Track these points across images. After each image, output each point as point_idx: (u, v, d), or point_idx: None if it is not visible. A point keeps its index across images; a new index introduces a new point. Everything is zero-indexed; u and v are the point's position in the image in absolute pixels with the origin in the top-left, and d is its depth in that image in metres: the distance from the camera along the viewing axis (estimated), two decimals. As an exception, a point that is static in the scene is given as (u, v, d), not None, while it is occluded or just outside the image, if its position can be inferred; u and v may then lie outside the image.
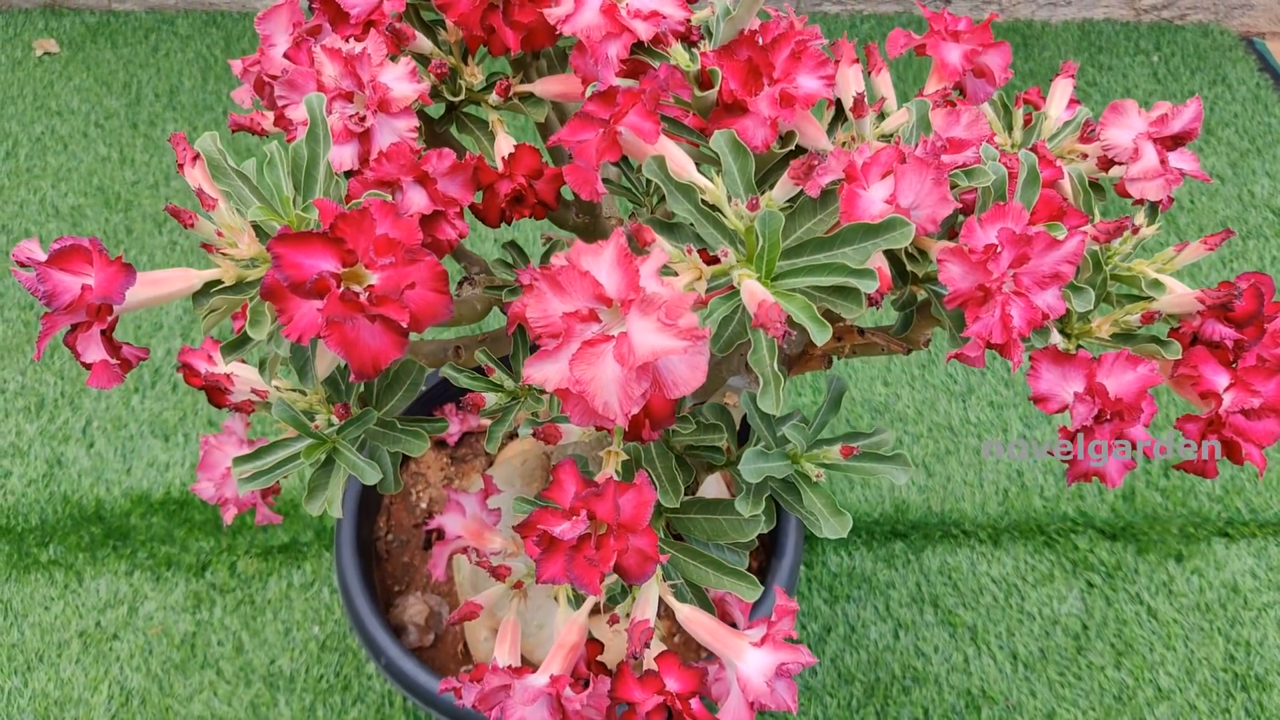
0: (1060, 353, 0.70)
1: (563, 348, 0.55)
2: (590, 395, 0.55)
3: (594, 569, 0.61)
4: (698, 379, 0.55)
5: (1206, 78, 2.76)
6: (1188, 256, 0.83)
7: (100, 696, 1.72)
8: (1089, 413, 0.69)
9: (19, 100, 2.65)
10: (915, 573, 1.87)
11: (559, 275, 0.54)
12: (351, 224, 0.54)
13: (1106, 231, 0.69)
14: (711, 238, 0.62)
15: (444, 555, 0.94)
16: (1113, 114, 0.87)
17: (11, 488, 1.95)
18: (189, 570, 1.85)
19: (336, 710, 1.70)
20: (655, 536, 0.62)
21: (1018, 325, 0.62)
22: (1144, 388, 0.69)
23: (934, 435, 2.06)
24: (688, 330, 0.53)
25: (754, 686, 0.67)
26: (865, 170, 0.64)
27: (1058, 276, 0.63)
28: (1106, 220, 0.70)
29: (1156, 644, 1.79)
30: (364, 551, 1.37)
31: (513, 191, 0.75)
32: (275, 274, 0.54)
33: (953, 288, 0.62)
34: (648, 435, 0.60)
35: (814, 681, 1.74)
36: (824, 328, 0.58)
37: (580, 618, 0.75)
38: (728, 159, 0.62)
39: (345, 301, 0.53)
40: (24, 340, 2.18)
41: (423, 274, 0.56)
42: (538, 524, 0.62)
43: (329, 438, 0.82)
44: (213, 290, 0.65)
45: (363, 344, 0.55)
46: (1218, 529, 1.93)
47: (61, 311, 0.57)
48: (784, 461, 0.71)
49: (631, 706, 0.67)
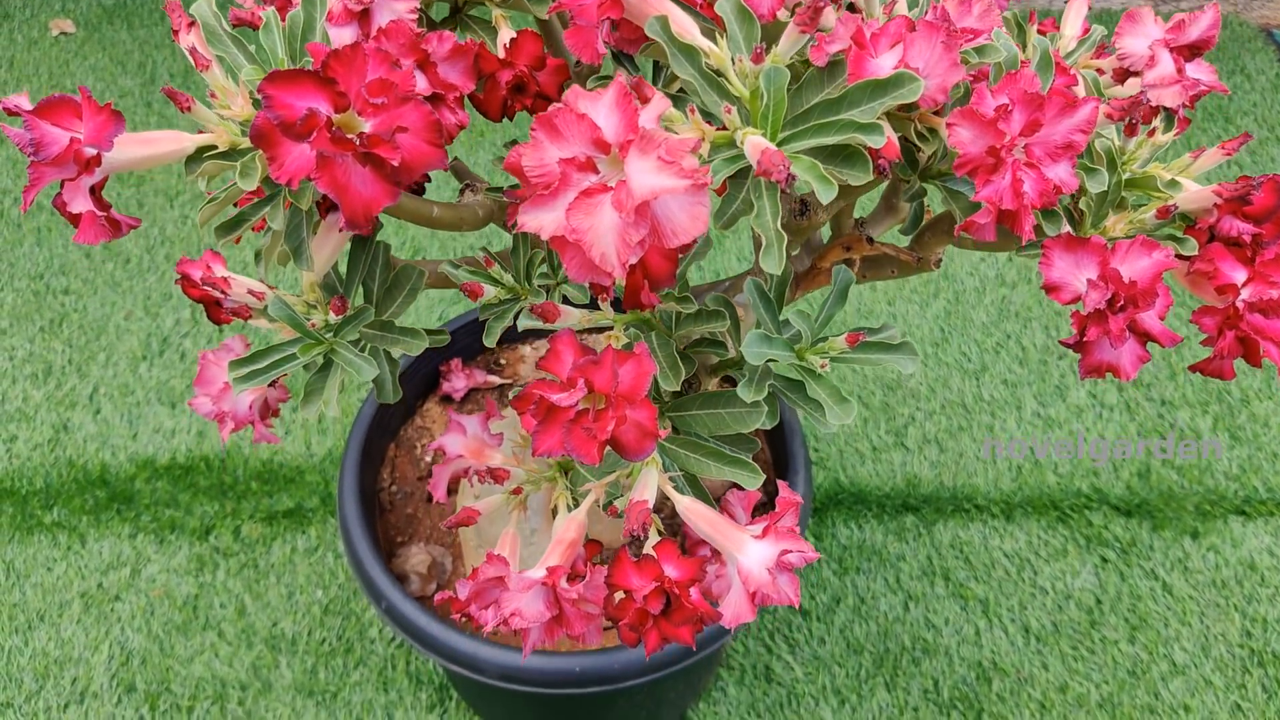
0: (1074, 238, 0.68)
1: (559, 195, 0.54)
2: (587, 245, 0.53)
3: (592, 439, 0.60)
4: (698, 227, 0.53)
5: (1225, 68, 2.74)
6: (1204, 163, 0.81)
7: (100, 656, 1.70)
8: (1101, 298, 0.67)
9: (35, 79, 2.67)
10: (926, 546, 1.85)
11: (556, 118, 0.53)
12: (344, 62, 0.53)
13: (1121, 108, 0.68)
14: (715, 105, 0.61)
15: (444, 476, 0.92)
16: (1128, 23, 0.85)
17: (17, 451, 1.95)
18: (193, 534, 1.84)
19: (339, 673, 1.68)
20: (654, 410, 0.61)
21: (1029, 192, 0.60)
22: (1159, 272, 0.67)
23: (946, 412, 2.04)
24: (689, 170, 0.51)
25: (755, 577, 0.65)
26: (875, 40, 0.62)
27: (1070, 146, 0.62)
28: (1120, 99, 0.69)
29: (1171, 619, 1.75)
30: (367, 500, 1.35)
31: (514, 79, 0.73)
32: (265, 115, 0.53)
33: (963, 151, 0.60)
34: (646, 298, 0.58)
35: (822, 652, 1.72)
36: (829, 185, 0.56)
37: (579, 515, 0.73)
38: (732, 25, 0.61)
39: (336, 139, 0.52)
40: (33, 309, 2.18)
41: (416, 119, 0.54)
42: (536, 393, 0.61)
43: (325, 339, 0.80)
44: (205, 156, 0.63)
45: (354, 190, 0.54)
46: (1234, 507, 1.89)
47: (49, 163, 0.56)
48: (788, 350, 0.69)
49: (628, 594, 0.65)
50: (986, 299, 2.23)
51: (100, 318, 2.17)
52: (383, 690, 1.66)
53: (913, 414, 2.03)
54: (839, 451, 1.98)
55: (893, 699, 1.67)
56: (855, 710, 1.66)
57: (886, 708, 1.66)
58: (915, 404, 2.05)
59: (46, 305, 2.19)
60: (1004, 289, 2.25)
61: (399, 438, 1.50)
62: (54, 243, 2.32)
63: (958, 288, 2.25)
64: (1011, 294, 2.24)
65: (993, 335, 2.16)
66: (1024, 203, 0.60)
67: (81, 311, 2.18)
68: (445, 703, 1.65)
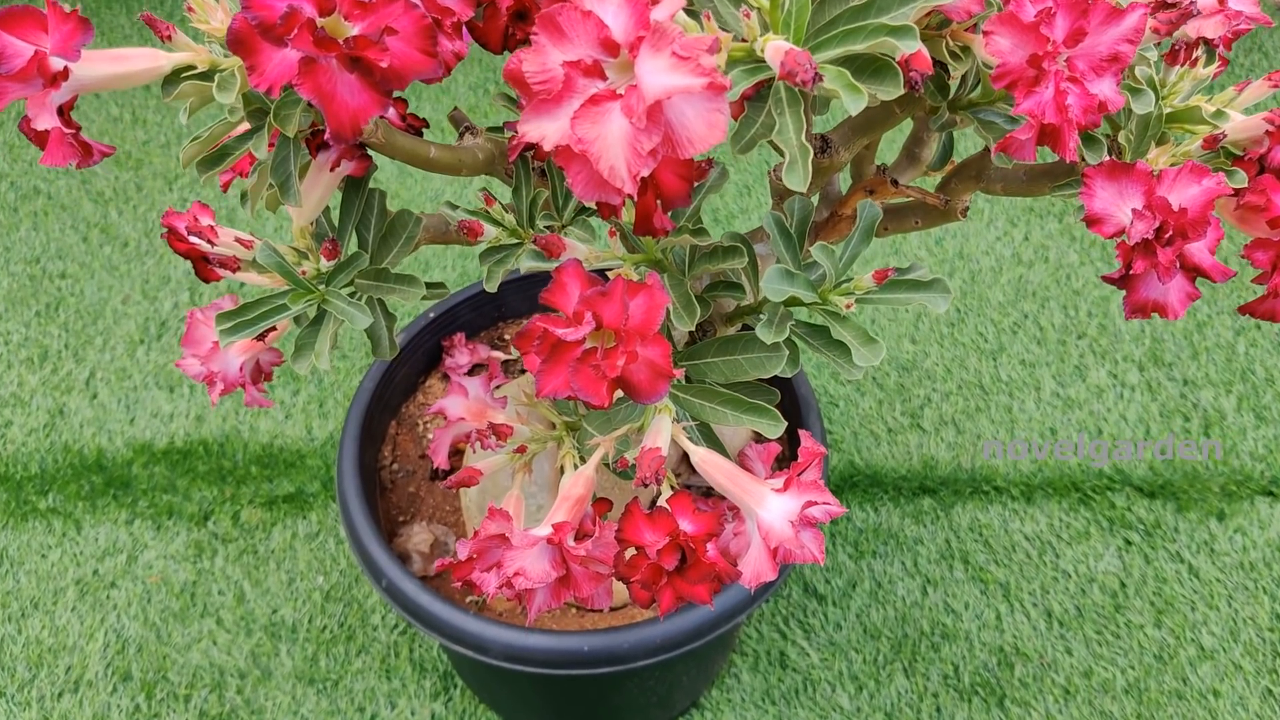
0: (1118, 164, 0.63)
1: (564, 101, 0.49)
2: (594, 156, 0.49)
3: (601, 378, 0.55)
4: (715, 135, 0.48)
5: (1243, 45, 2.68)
6: (1250, 96, 0.76)
7: (96, 644, 1.66)
8: (1149, 228, 0.62)
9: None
10: (944, 529, 1.79)
11: (560, 17, 0.48)
12: (328, -45, 0.48)
13: (1169, 21, 0.63)
14: (732, 17, 0.56)
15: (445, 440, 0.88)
16: (1168, -50, 0.80)
17: (11, 437, 1.91)
18: (191, 520, 1.80)
19: (340, 660, 1.64)
20: (668, 346, 0.56)
21: (1073, 107, 0.55)
22: (1210, 200, 0.62)
23: (964, 393, 1.99)
24: (707, 68, 0.46)
25: (778, 532, 0.60)
26: (903, -56, 0.57)
27: (1116, 59, 0.57)
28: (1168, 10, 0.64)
29: (1198, 603, 1.70)
30: (367, 478, 1.31)
31: (516, 5, 0.69)
32: (243, 16, 0.48)
33: (1002, 61, 0.55)
34: (660, 221, 0.54)
35: (839, 637, 1.66)
36: (859, 93, 0.51)
37: (588, 470, 0.68)
38: (750, -72, 0.56)
39: (319, 40, 0.48)
40: (29, 293, 2.14)
41: (406, 22, 0.50)
42: (540, 327, 0.56)
43: (317, 289, 0.76)
44: (183, 76, 0.59)
45: (340, 98, 0.50)
46: (1262, 488, 1.84)
47: (12, 76, 0.52)
48: (810, 289, 0.65)
49: (640, 550, 0.61)
50: (1003, 278, 2.18)
51: (97, 302, 2.13)
52: (385, 678, 1.62)
53: (929, 395, 1.98)
54: (854, 433, 1.93)
55: (912, 685, 1.62)
56: (873, 697, 1.61)
57: (905, 694, 1.61)
58: (931, 385, 2.00)
59: (43, 289, 2.15)
60: (1021, 268, 2.20)
61: (400, 415, 1.45)
62: (50, 226, 2.28)
63: (973, 267, 2.20)
64: (1029, 273, 2.19)
65: (1010, 315, 2.11)
66: (1068, 117, 0.55)
67: (78, 295, 2.14)
68: (450, 690, 1.60)
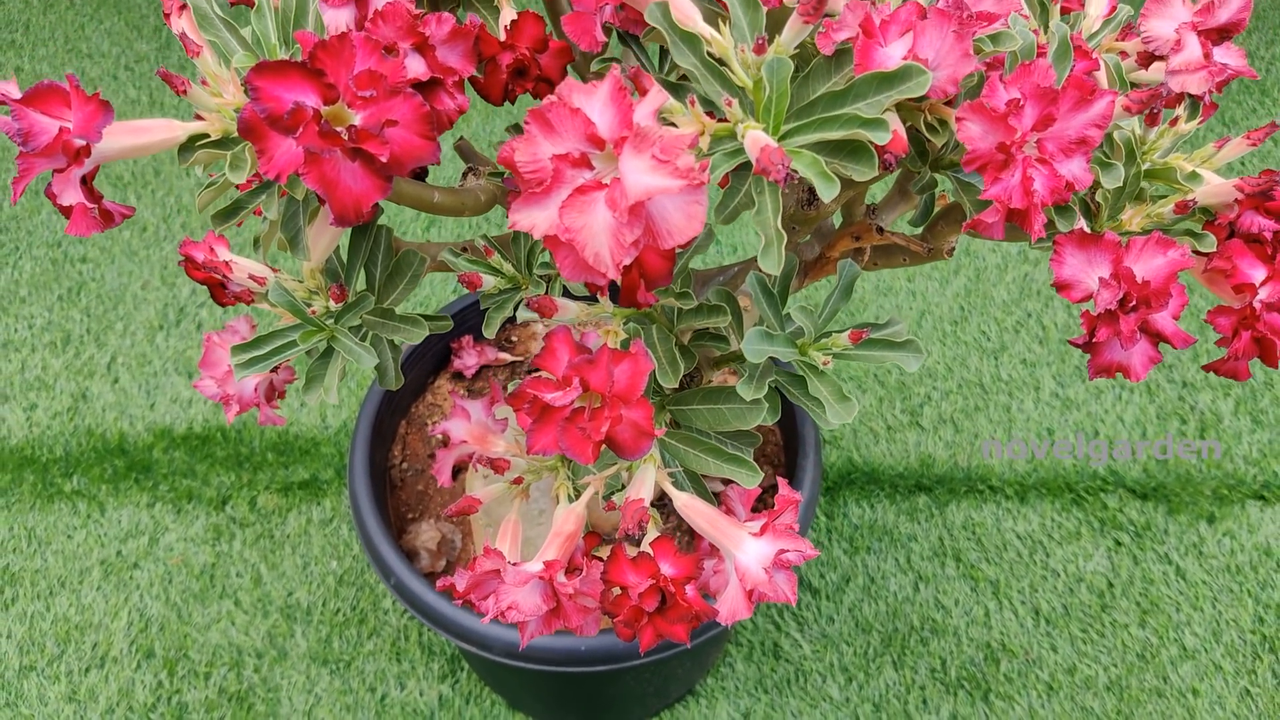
0: (1087, 234, 0.66)
1: (552, 192, 0.52)
2: (581, 244, 0.52)
3: (586, 439, 0.59)
4: (694, 228, 0.52)
5: (1264, 37, 2.66)
6: (1229, 153, 0.79)
7: (120, 622, 1.73)
8: (1114, 298, 0.65)
9: (50, 43, 2.67)
10: (938, 527, 1.84)
11: (549, 113, 0.52)
12: (331, 53, 0.52)
13: (1140, 101, 0.65)
14: (717, 94, 0.59)
15: (448, 460, 0.92)
16: (1155, 4, 0.82)
17: (37, 420, 1.97)
18: (209, 504, 1.86)
19: (352, 642, 1.70)
20: (650, 408, 0.60)
21: (1040, 191, 0.58)
22: (1174, 272, 0.65)
23: (963, 392, 2.02)
24: (684, 169, 0.50)
25: (753, 575, 0.65)
26: (884, 28, 0.60)
27: (1084, 142, 0.59)
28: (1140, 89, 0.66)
29: (1183, 604, 1.74)
30: (377, 477, 1.36)
31: (515, 63, 0.72)
32: (253, 107, 0.52)
33: (971, 147, 0.58)
34: (643, 297, 0.57)
35: (831, 630, 1.72)
36: (831, 182, 0.54)
37: (578, 508, 0.73)
38: (737, 10, 0.59)
39: (323, 134, 0.51)
40: (51, 278, 2.19)
41: (406, 112, 0.53)
42: (530, 392, 0.60)
43: (326, 326, 0.80)
44: (198, 144, 0.63)
45: (343, 185, 0.53)
46: (1253, 491, 1.87)
47: (38, 153, 0.56)
48: (790, 346, 0.68)
49: (624, 590, 0.65)
50: (1008, 276, 2.20)
51: (117, 287, 2.18)
52: (395, 660, 1.68)
53: (929, 393, 2.01)
54: (853, 430, 1.96)
55: (900, 678, 1.67)
56: (862, 688, 1.66)
57: (894, 686, 1.66)
58: (932, 383, 2.03)
59: (64, 274, 2.20)
60: (1027, 265, 2.22)
61: (410, 415, 1.50)
62: (72, 211, 2.33)
63: (979, 264, 2.22)
64: (1034, 271, 2.21)
65: (1013, 314, 2.13)
66: (1034, 201, 0.58)
67: (99, 280, 2.19)
68: (457, 673, 1.66)
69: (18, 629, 1.74)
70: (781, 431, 1.42)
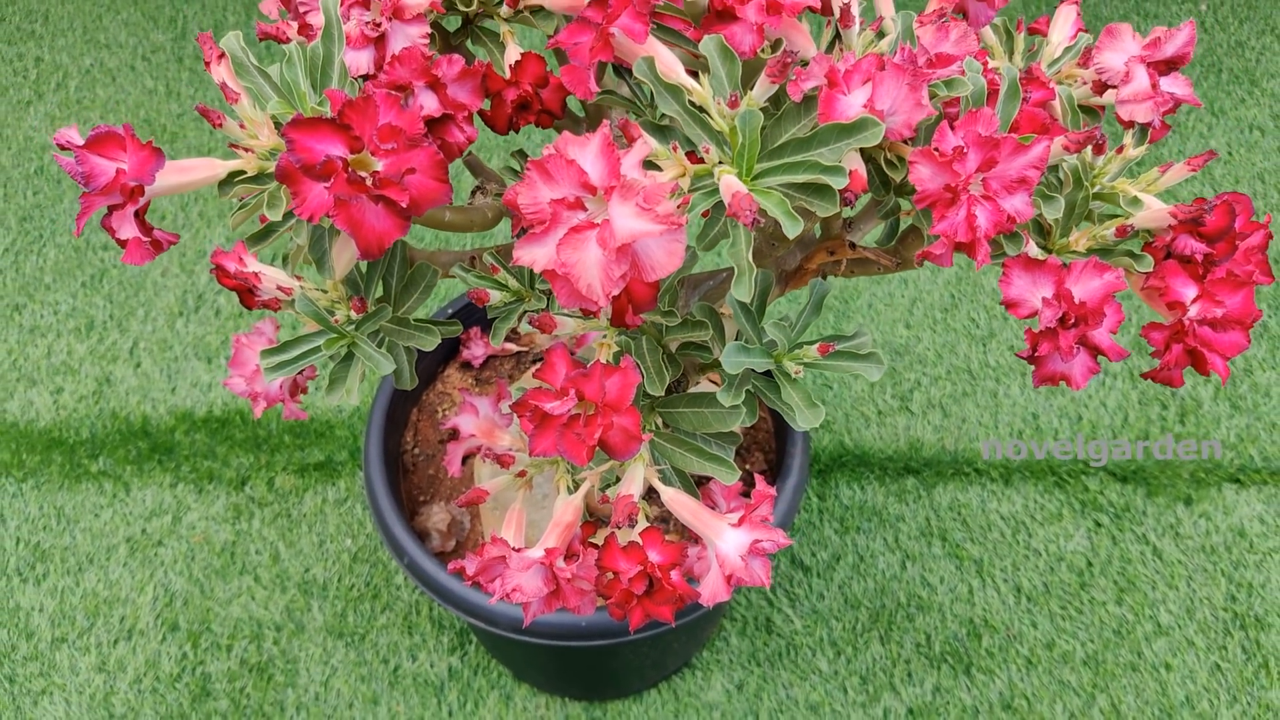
0: (1031, 259, 0.73)
1: (550, 232, 0.60)
2: (575, 277, 0.60)
3: (581, 443, 0.67)
4: (673, 263, 0.59)
5: (1255, 28, 2.70)
6: (1171, 178, 0.86)
7: (146, 597, 1.83)
8: (1054, 316, 0.72)
9: (69, 33, 2.73)
10: (926, 508, 1.92)
11: (548, 163, 0.59)
12: (357, 111, 0.59)
13: (1077, 141, 0.72)
14: (697, 137, 0.67)
15: (458, 453, 1.00)
16: (1108, 38, 0.89)
17: (64, 403, 2.06)
18: (229, 484, 1.95)
19: (366, 616, 1.79)
20: (638, 416, 0.68)
21: (983, 226, 0.66)
22: (1109, 293, 0.72)
23: (952, 377, 2.09)
24: (665, 215, 0.57)
25: (731, 562, 0.73)
26: (846, 77, 0.67)
27: (1024, 181, 0.67)
28: (1077, 130, 0.73)
29: (1159, 583, 1.82)
30: (390, 462, 1.44)
31: (519, 98, 0.79)
32: (289, 157, 0.59)
33: (921, 188, 0.65)
34: (631, 320, 0.65)
35: (821, 606, 1.80)
36: (795, 221, 0.62)
37: (576, 500, 0.81)
38: (715, 63, 0.66)
39: (351, 182, 0.59)
40: (74, 265, 2.28)
41: (423, 161, 0.61)
42: (531, 402, 0.68)
43: (347, 333, 0.88)
44: (236, 180, 0.70)
45: (368, 225, 0.61)
46: (1229, 475, 1.94)
47: (98, 192, 0.63)
48: (765, 358, 0.76)
49: (616, 575, 0.74)
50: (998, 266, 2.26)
51: (138, 274, 2.26)
52: (407, 634, 1.77)
53: (919, 379, 2.09)
54: (845, 415, 2.04)
55: (886, 651, 1.76)
56: (850, 661, 1.75)
57: (880, 659, 1.75)
58: (922, 369, 2.11)
59: (87, 261, 2.28)
60: (1015, 255, 2.28)
61: (421, 403, 1.58)
62: (92, 200, 2.41)
63: (969, 254, 2.28)
64: (1022, 260, 2.27)
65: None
66: (977, 236, 0.65)
67: (120, 268, 2.27)
68: (465, 646, 1.76)
69: (49, 603, 1.83)
70: (774, 418, 1.50)
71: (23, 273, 2.26)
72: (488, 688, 1.72)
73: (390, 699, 1.72)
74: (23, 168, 2.43)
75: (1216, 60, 2.59)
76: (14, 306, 2.21)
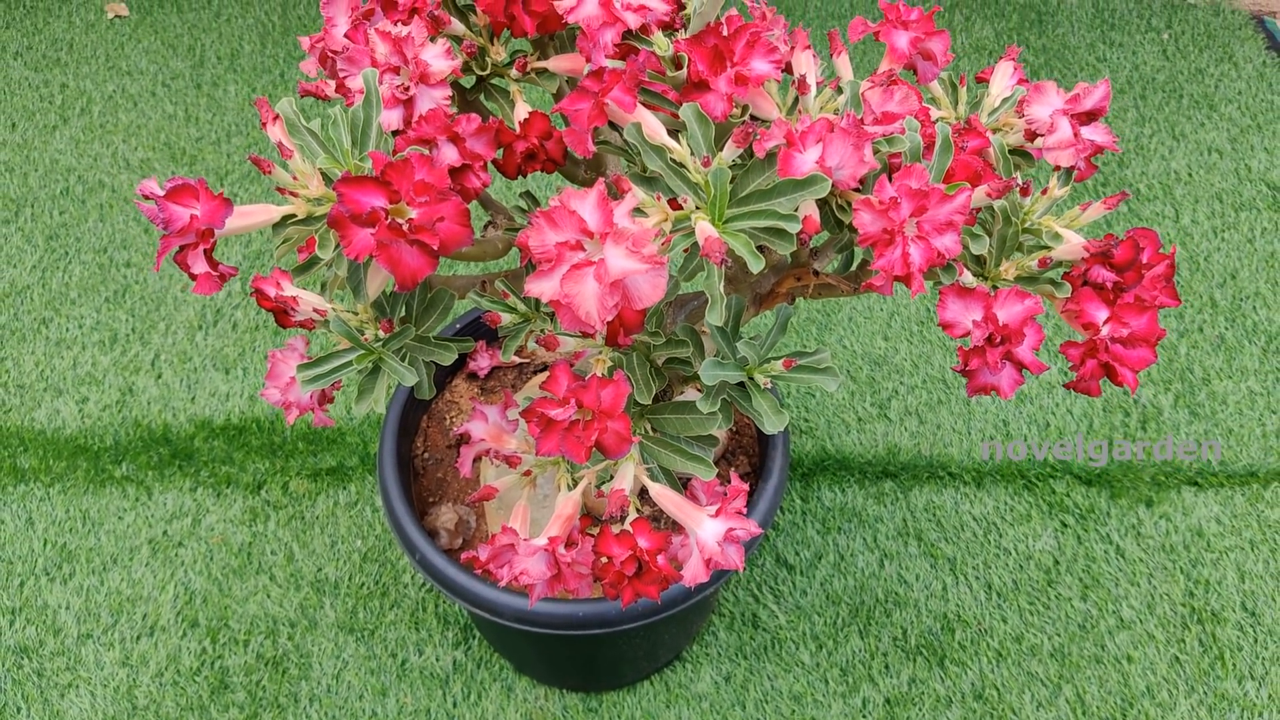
0: (963, 288, 0.86)
1: (555, 269, 0.73)
2: (576, 306, 0.73)
3: (580, 444, 0.79)
4: (657, 295, 0.72)
5: (1214, 55, 2.84)
6: (1090, 215, 0.99)
7: (167, 595, 1.93)
8: (983, 335, 0.85)
9: (92, 61, 2.86)
10: (903, 509, 2.04)
11: (553, 213, 0.72)
12: (397, 170, 0.72)
13: (998, 189, 0.85)
14: (678, 188, 0.79)
15: (469, 456, 1.13)
16: (1035, 93, 1.02)
17: (89, 412, 2.18)
18: (246, 488, 2.06)
19: (376, 613, 1.91)
20: (629, 421, 0.80)
21: (916, 261, 0.78)
22: (1028, 316, 0.85)
23: (928, 386, 2.22)
24: (650, 256, 0.70)
25: (709, 547, 0.85)
26: (802, 138, 0.80)
27: (951, 224, 0.80)
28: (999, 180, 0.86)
29: (1122, 580, 1.95)
30: (403, 466, 1.56)
31: (527, 150, 0.92)
32: (339, 208, 0.72)
33: (863, 231, 0.78)
34: (623, 340, 0.77)
35: (804, 602, 1.93)
36: (758, 259, 0.75)
37: (575, 495, 0.94)
38: (693, 126, 0.79)
39: (391, 228, 0.71)
40: (99, 281, 2.40)
41: (450, 210, 0.73)
42: (537, 409, 0.80)
43: (375, 349, 1.00)
44: (289, 222, 0.83)
45: (404, 262, 0.73)
46: (1188, 478, 2.07)
47: (174, 235, 0.76)
48: (738, 371, 0.88)
49: (609, 559, 0.86)
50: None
51: (159, 289, 2.38)
52: (414, 629, 1.88)
53: (896, 388, 2.22)
54: (827, 422, 2.17)
55: (865, 645, 1.88)
56: (831, 654, 1.87)
57: (859, 652, 1.87)
58: (899, 379, 2.23)
59: (110, 277, 2.40)
60: (989, 272, 2.41)
61: (431, 411, 1.71)
62: (115, 218, 2.53)
63: (945, 271, 2.41)
64: (995, 277, 2.40)
65: (975, 316, 2.33)
66: (912, 270, 0.78)
67: (142, 283, 2.39)
68: (469, 640, 1.87)
69: (75, 601, 1.94)
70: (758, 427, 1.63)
71: (49, 288, 2.38)
72: (490, 680, 1.83)
73: (398, 690, 1.83)
74: (49, 189, 2.55)
75: (1178, 86, 2.73)
76: (41, 320, 2.33)
